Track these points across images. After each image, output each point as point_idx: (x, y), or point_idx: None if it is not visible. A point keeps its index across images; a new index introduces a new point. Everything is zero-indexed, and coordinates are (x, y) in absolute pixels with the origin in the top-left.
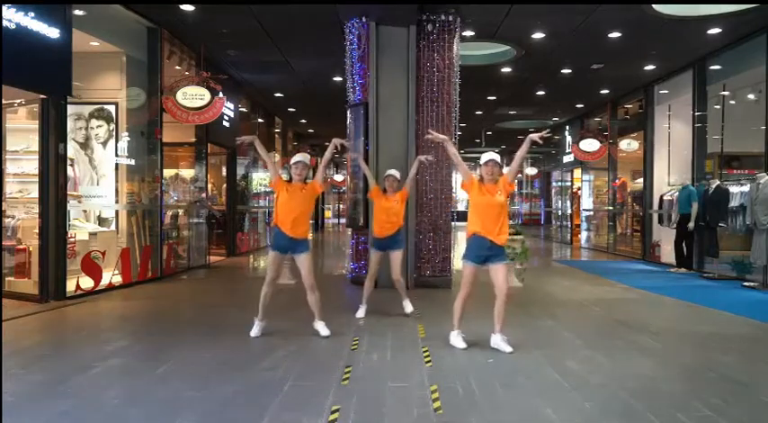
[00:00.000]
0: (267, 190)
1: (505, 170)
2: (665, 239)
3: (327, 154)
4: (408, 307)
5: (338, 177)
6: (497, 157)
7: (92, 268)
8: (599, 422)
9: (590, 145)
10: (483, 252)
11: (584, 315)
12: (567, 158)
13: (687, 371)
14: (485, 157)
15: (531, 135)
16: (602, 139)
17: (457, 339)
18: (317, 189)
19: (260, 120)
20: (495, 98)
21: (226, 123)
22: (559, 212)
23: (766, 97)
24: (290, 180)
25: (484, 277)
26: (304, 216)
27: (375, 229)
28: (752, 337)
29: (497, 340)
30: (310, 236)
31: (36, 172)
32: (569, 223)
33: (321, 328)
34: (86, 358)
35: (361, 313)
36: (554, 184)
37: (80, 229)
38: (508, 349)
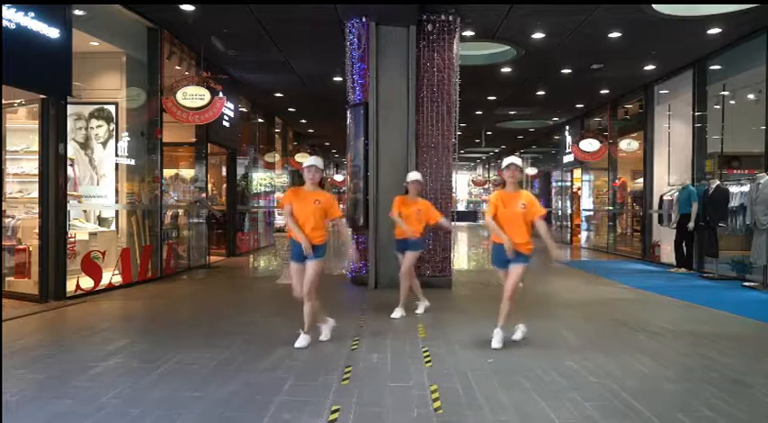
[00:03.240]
0: (267, 190)
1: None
2: (665, 239)
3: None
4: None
5: (338, 177)
6: (518, 161)
7: (92, 268)
8: (599, 422)
9: (590, 145)
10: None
11: (584, 315)
12: (567, 158)
13: (687, 371)
14: (507, 160)
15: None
16: (602, 139)
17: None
18: (329, 214)
19: (260, 120)
20: (495, 98)
21: (226, 123)
22: (559, 212)
23: (766, 97)
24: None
25: (479, 278)
26: (318, 223)
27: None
28: (752, 337)
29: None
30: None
31: (36, 172)
32: (569, 223)
33: (301, 339)
34: (86, 358)
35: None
36: (554, 184)
37: (80, 229)
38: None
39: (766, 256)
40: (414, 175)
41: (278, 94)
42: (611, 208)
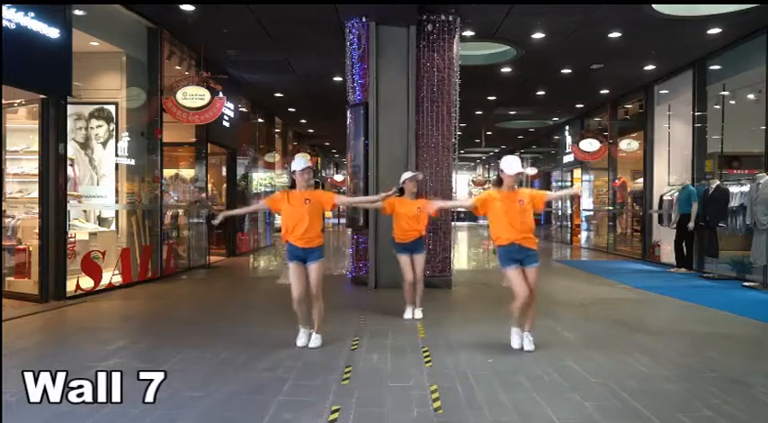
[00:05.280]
0: (267, 190)
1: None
2: (665, 239)
3: (365, 200)
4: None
5: (338, 177)
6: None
7: (92, 268)
8: (599, 422)
9: (590, 145)
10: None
11: (585, 315)
12: (567, 158)
13: (687, 371)
14: (510, 165)
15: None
16: (602, 139)
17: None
18: (325, 204)
19: (260, 120)
20: (495, 98)
21: (226, 123)
22: (559, 212)
23: (766, 97)
24: (292, 185)
25: (479, 278)
26: (313, 224)
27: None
28: (752, 337)
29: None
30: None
31: (36, 172)
32: (569, 223)
33: (315, 339)
34: (86, 358)
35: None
36: (554, 184)
37: (80, 229)
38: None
39: (766, 256)
40: (410, 173)
41: (278, 94)
42: (611, 208)
